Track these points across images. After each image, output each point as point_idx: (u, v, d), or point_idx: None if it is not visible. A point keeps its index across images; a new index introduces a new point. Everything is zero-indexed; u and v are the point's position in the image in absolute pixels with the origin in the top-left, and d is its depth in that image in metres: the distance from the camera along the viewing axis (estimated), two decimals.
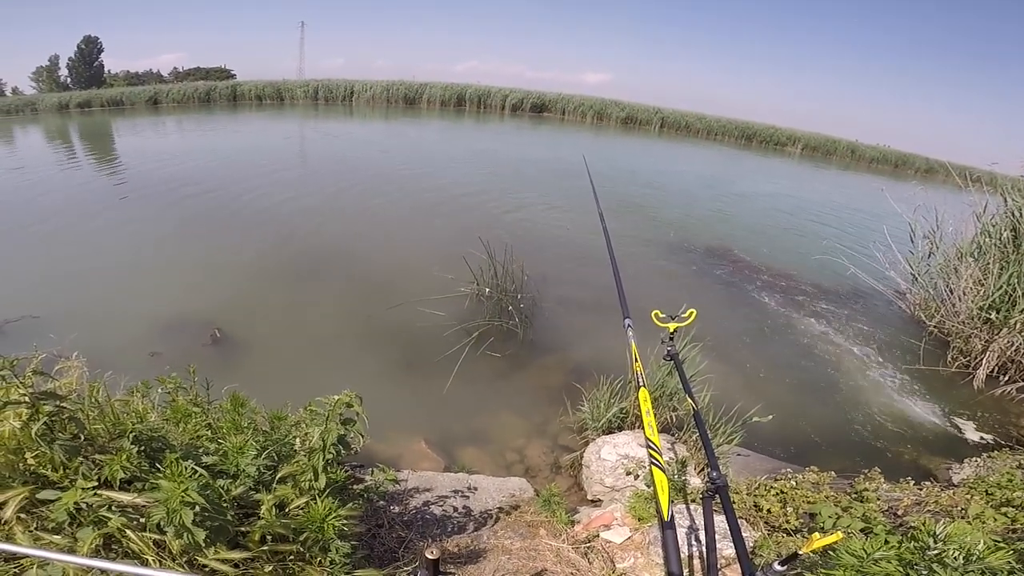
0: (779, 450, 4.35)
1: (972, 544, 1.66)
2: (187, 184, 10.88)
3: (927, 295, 7.06)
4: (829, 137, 37.40)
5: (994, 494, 2.81)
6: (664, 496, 1.15)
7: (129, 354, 4.54)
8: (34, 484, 1.42)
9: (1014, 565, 1.64)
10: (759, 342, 6.32)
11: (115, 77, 48.33)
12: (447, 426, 4.38)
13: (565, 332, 6.05)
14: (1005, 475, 3.14)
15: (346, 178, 12.11)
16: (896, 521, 2.63)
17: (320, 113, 30.29)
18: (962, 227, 7.12)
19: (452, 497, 3.11)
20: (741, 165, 26.17)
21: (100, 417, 1.79)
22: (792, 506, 2.77)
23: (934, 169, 31.95)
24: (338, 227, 8.89)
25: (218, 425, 2.17)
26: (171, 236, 7.98)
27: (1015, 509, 2.59)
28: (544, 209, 11.04)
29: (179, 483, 1.36)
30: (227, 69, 52.18)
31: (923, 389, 5.59)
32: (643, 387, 1.38)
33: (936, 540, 1.68)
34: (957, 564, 1.58)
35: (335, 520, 1.64)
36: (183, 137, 20.05)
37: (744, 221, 12.18)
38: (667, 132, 36.89)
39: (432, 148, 19.10)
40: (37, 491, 1.39)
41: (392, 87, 36.87)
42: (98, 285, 6.29)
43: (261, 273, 6.89)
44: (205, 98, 32.53)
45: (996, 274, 5.91)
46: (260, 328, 5.55)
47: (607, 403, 3.99)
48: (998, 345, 5.58)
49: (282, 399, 2.40)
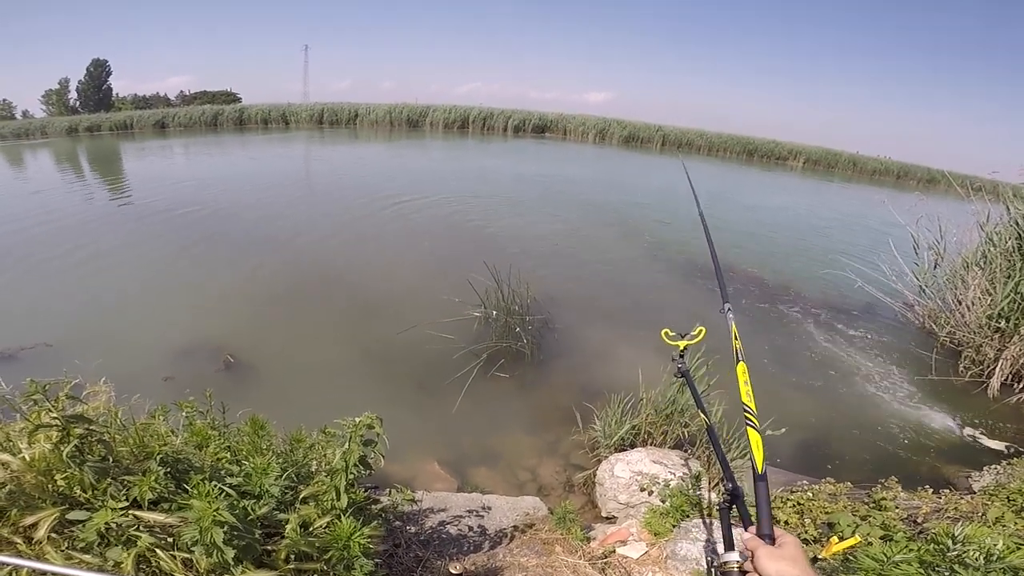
0: (794, 463, 4.33)
1: (991, 545, 1.66)
2: (194, 209, 11.04)
3: (936, 306, 7.04)
4: (830, 150, 37.53)
5: (1015, 500, 2.78)
6: (759, 451, 1.23)
7: (143, 380, 4.57)
8: (63, 505, 1.45)
9: None
10: (770, 355, 6.32)
11: (123, 100, 49.42)
12: (459, 447, 4.39)
13: (573, 351, 6.07)
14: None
15: (354, 203, 12.25)
16: (916, 528, 2.61)
17: (325, 136, 30.67)
18: (965, 237, 7.13)
19: (467, 517, 3.12)
20: (744, 180, 26.30)
21: (125, 440, 1.83)
22: (809, 516, 2.76)
23: (935, 179, 31.97)
24: (346, 252, 8.97)
25: (238, 448, 2.20)
26: (181, 261, 8.08)
27: None
28: (549, 230, 11.14)
29: (210, 502, 1.40)
30: (233, 92, 53.33)
31: (937, 399, 5.56)
32: (741, 361, 1.46)
33: (955, 542, 1.68)
34: (978, 564, 1.58)
35: (360, 538, 1.66)
36: (190, 161, 20.41)
37: (747, 235, 12.27)
38: (668, 149, 37.19)
39: (437, 171, 19.26)
40: (67, 512, 1.43)
41: (395, 110, 37.40)
42: (110, 311, 6.37)
43: (272, 298, 6.96)
44: (212, 122, 33.17)
45: (1003, 283, 5.91)
46: (272, 353, 5.59)
47: (619, 420, 4.00)
48: (1010, 353, 5.56)
49: (297, 422, 2.43)
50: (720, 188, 21.05)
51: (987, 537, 1.71)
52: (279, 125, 35.16)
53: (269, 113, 35.31)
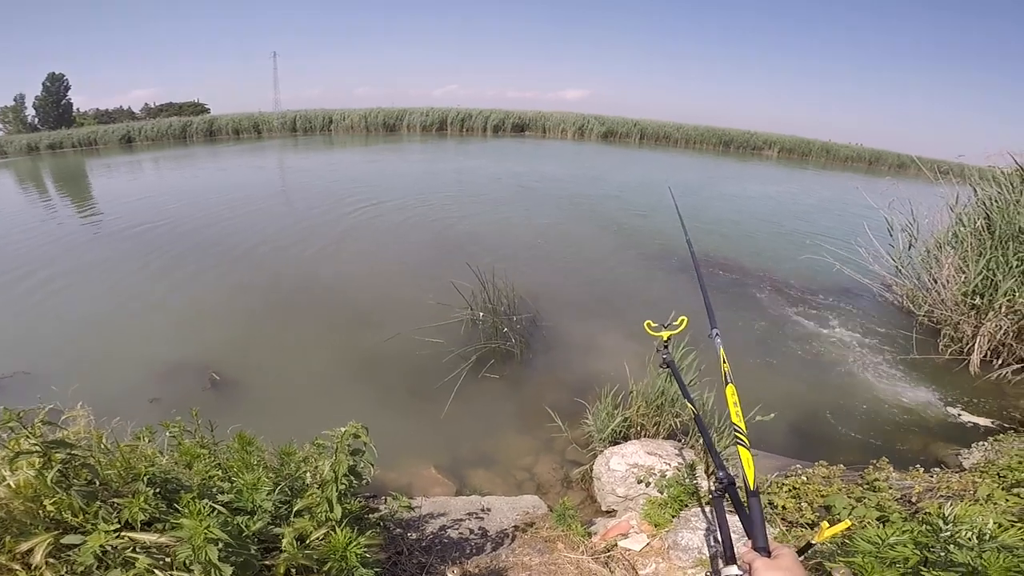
0: (786, 447, 4.37)
1: (983, 524, 1.69)
2: (167, 226, 10.82)
3: (913, 285, 7.19)
4: (804, 139, 38.23)
5: (1005, 476, 2.82)
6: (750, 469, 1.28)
7: (129, 402, 4.47)
8: (56, 530, 1.42)
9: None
10: (755, 342, 6.39)
11: (84, 115, 48.07)
12: (455, 450, 4.36)
13: (561, 347, 6.07)
14: (1015, 457, 3.15)
15: (331, 211, 12.08)
16: (911, 508, 2.65)
17: (299, 144, 30.21)
18: (936, 218, 7.31)
19: (467, 520, 3.10)
20: (722, 171, 26.60)
21: (111, 463, 1.78)
22: (806, 500, 2.78)
23: (906, 164, 32.65)
24: (327, 261, 8.86)
25: (228, 464, 2.16)
26: (157, 280, 7.90)
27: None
28: (529, 228, 11.15)
29: (200, 521, 1.37)
30: (201, 103, 52.38)
31: (920, 378, 5.66)
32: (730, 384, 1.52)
33: (946, 522, 1.71)
34: (972, 544, 1.61)
35: (356, 548, 1.64)
36: (160, 176, 19.94)
37: (728, 222, 12.39)
38: (647, 143, 37.60)
39: (415, 174, 19.09)
40: (61, 536, 1.40)
41: (371, 114, 37.06)
42: (90, 336, 6.21)
43: (255, 313, 6.85)
44: (181, 134, 32.47)
45: (975, 260, 6.05)
46: (259, 368, 5.49)
47: (610, 413, 4.00)
48: (987, 329, 5.68)
49: (289, 436, 2.39)
50: (699, 180, 21.31)
51: (978, 516, 1.74)
52: (251, 135, 34.60)
53: (240, 123, 34.64)
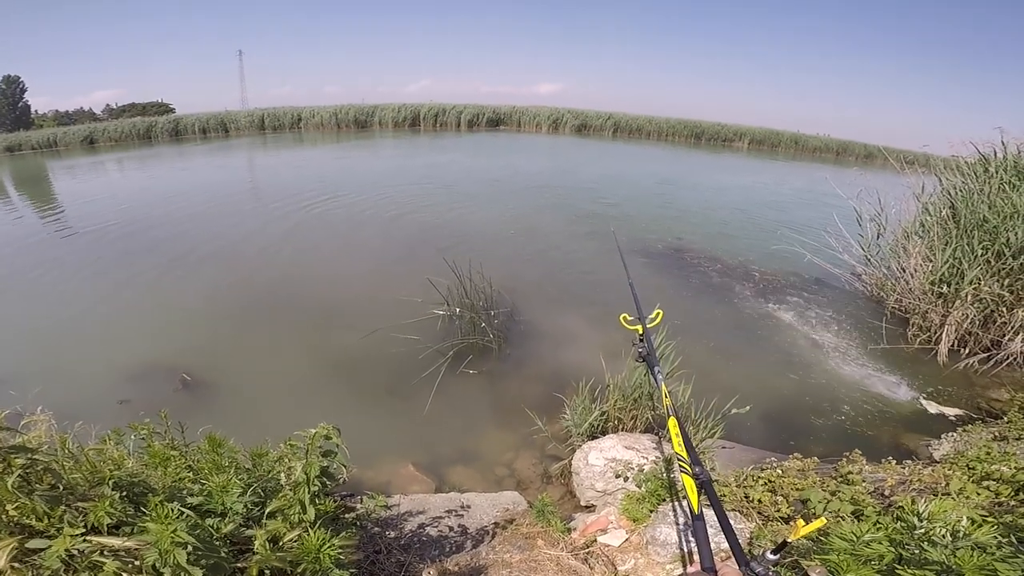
0: (759, 439, 4.43)
1: (956, 521, 1.70)
2: (132, 226, 10.55)
3: (882, 275, 7.36)
4: (773, 130, 38.85)
5: (975, 468, 2.88)
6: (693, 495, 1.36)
7: (98, 405, 4.36)
8: (21, 534, 1.39)
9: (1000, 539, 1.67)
10: (725, 332, 6.47)
11: (43, 117, 46.82)
12: (434, 447, 4.33)
13: (539, 342, 6.07)
14: (983, 448, 3.21)
15: (301, 209, 11.87)
16: (884, 501, 2.69)
17: (268, 142, 29.61)
18: (904, 207, 7.46)
19: (447, 517, 3.08)
20: (693, 163, 26.93)
21: (76, 467, 1.73)
22: (781, 494, 2.80)
23: (873, 155, 33.51)
24: (299, 260, 8.73)
25: (199, 467, 2.11)
26: (125, 282, 7.68)
27: (996, 482, 2.64)
28: (503, 222, 11.12)
29: (166, 524, 1.34)
30: (165, 103, 51.27)
31: (890, 368, 5.76)
32: (672, 416, 1.58)
33: (920, 519, 1.72)
34: (946, 542, 1.61)
35: (330, 550, 1.62)
36: (125, 176, 19.34)
37: (697, 214, 12.58)
38: (620, 135, 37.90)
39: (387, 170, 18.84)
40: (25, 541, 1.37)
41: (341, 111, 36.57)
42: (53, 339, 6.01)
43: (226, 313, 6.71)
44: (145, 134, 31.54)
45: (941, 249, 6.21)
46: (231, 369, 5.38)
47: (587, 407, 4.00)
48: (954, 318, 5.83)
49: (263, 436, 2.35)
50: (671, 172, 21.51)
51: (952, 511, 1.75)
52: (219, 133, 33.78)
53: (207, 122, 33.77)
